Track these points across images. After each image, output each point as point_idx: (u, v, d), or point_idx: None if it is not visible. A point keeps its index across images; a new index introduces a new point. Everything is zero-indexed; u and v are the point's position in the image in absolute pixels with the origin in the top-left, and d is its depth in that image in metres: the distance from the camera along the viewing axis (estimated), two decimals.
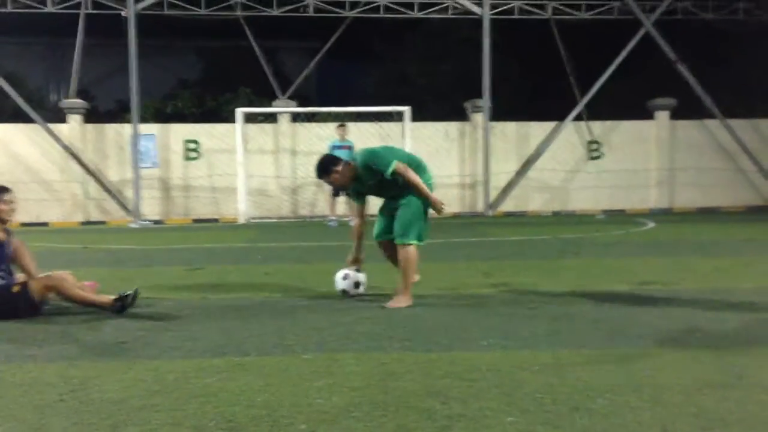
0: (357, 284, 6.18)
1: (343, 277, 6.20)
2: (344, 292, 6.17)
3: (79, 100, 19.10)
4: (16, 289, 5.43)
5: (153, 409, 3.21)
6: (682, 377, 3.60)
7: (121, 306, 5.47)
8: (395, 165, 5.71)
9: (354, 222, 6.32)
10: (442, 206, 5.80)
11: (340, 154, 14.74)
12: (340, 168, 5.88)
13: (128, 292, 5.54)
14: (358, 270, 6.23)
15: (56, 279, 5.45)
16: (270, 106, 19.69)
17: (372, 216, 6.21)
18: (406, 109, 17.84)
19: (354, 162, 5.94)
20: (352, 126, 17.42)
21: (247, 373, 3.80)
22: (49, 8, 18.79)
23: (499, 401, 3.25)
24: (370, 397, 3.34)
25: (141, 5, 18.43)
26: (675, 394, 3.33)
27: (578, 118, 19.95)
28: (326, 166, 5.92)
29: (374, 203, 6.24)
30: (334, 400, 3.31)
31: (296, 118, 19.59)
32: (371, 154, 5.88)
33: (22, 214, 5.72)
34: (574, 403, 3.22)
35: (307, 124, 19.53)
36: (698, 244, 10.68)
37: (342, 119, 18.49)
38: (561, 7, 20.09)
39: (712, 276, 7.23)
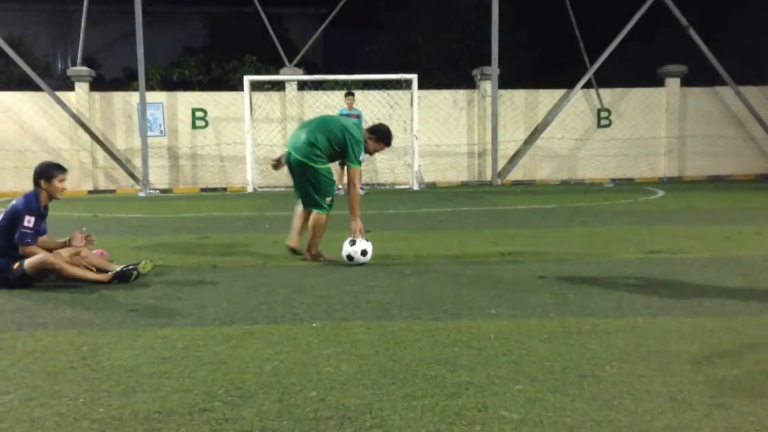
0: (364, 252, 6.19)
1: (350, 244, 6.23)
2: (350, 258, 6.20)
3: (85, 68, 19.00)
4: (16, 265, 5.44)
5: (163, 376, 3.24)
6: (691, 346, 3.60)
7: (121, 278, 5.53)
8: None
9: (357, 189, 6.44)
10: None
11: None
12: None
13: (126, 268, 5.59)
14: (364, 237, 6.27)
15: (51, 262, 5.45)
16: (277, 73, 19.56)
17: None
18: (413, 77, 17.70)
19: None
20: (359, 94, 17.32)
21: (257, 341, 3.82)
22: None
23: (508, 369, 3.27)
24: (378, 365, 3.36)
25: None
26: (683, 362, 3.34)
27: (587, 85, 19.75)
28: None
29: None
30: (342, 368, 3.33)
31: (303, 86, 19.47)
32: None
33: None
34: (583, 371, 3.23)
35: (314, 92, 19.42)
36: (708, 213, 10.63)
37: (349, 87, 18.38)
38: None
39: (721, 244, 7.21)
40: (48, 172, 5.62)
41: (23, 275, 5.40)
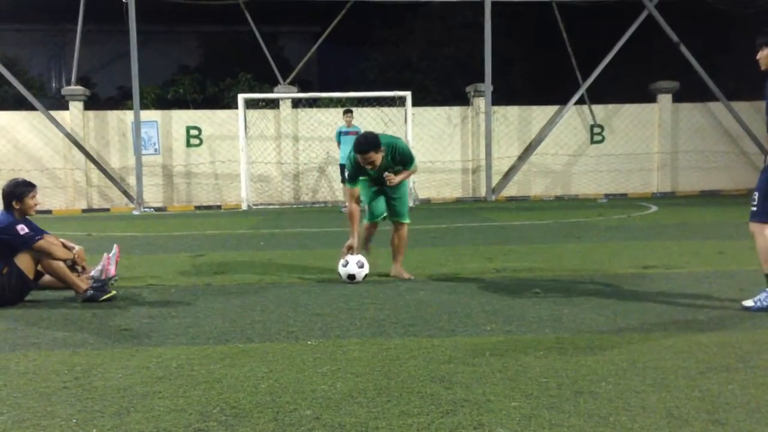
0: (359, 269, 6.18)
1: (343, 264, 6.21)
2: (351, 277, 6.18)
3: (80, 87, 19.03)
4: (5, 270, 5.43)
5: (157, 396, 3.22)
6: (686, 361, 3.60)
7: (89, 299, 5.51)
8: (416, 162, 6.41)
9: (351, 207, 6.31)
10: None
11: (347, 140, 14.91)
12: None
13: (101, 296, 5.55)
14: (359, 254, 6.27)
15: (45, 241, 5.49)
16: (271, 91, 19.61)
17: None
18: (407, 94, 17.77)
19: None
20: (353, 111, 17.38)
21: (251, 359, 3.80)
22: None
23: (503, 386, 3.26)
24: (373, 382, 3.35)
25: None
26: (679, 377, 3.33)
27: (580, 101, 19.85)
28: (377, 143, 6.07)
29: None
30: (338, 386, 3.31)
31: (297, 103, 19.52)
32: (397, 144, 6.30)
33: None
34: (578, 387, 3.22)
35: (308, 110, 19.47)
36: (701, 228, 10.65)
37: (344, 105, 18.43)
38: None
39: (715, 259, 7.22)
40: (18, 191, 5.59)
41: (19, 276, 5.40)
